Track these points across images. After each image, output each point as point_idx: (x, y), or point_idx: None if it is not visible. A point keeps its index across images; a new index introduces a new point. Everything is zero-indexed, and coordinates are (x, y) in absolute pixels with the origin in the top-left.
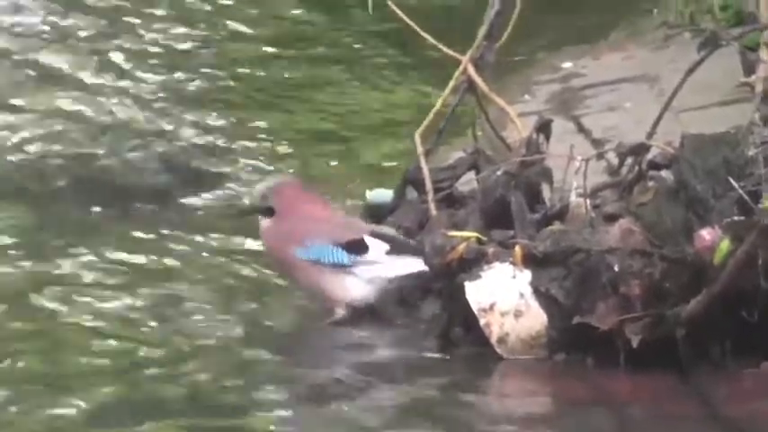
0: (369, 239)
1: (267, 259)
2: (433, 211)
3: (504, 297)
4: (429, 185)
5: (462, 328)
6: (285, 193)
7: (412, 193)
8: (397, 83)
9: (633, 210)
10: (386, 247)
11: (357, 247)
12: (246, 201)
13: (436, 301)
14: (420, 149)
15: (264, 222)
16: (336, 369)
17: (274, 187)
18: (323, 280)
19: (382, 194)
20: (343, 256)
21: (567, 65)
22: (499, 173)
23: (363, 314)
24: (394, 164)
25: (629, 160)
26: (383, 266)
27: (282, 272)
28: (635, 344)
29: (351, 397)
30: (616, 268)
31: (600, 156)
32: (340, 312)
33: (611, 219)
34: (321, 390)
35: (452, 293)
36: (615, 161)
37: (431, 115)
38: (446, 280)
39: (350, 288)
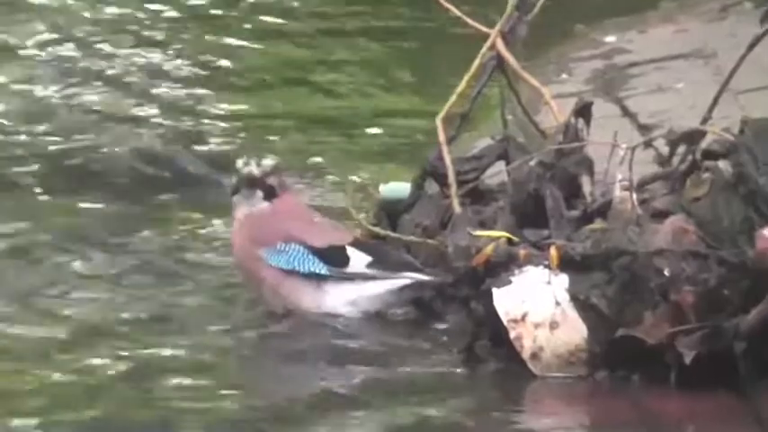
0: (350, 250)
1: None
2: (457, 208)
3: (538, 306)
4: (452, 178)
5: (490, 342)
6: (280, 176)
7: (432, 187)
8: (417, 59)
9: (686, 206)
10: (368, 258)
11: (337, 257)
12: (254, 170)
13: (460, 310)
14: (442, 136)
15: (260, 205)
16: (345, 386)
17: (276, 166)
18: (290, 291)
19: (398, 188)
20: (320, 266)
21: (610, 39)
22: (532, 163)
23: (371, 323)
24: (411, 152)
25: (682, 149)
26: (363, 281)
27: (245, 276)
28: (688, 360)
29: (362, 418)
30: (666, 273)
31: (647, 143)
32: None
33: (661, 216)
34: (329, 409)
35: (479, 302)
36: (665, 150)
37: (453, 97)
38: (472, 286)
39: (321, 304)
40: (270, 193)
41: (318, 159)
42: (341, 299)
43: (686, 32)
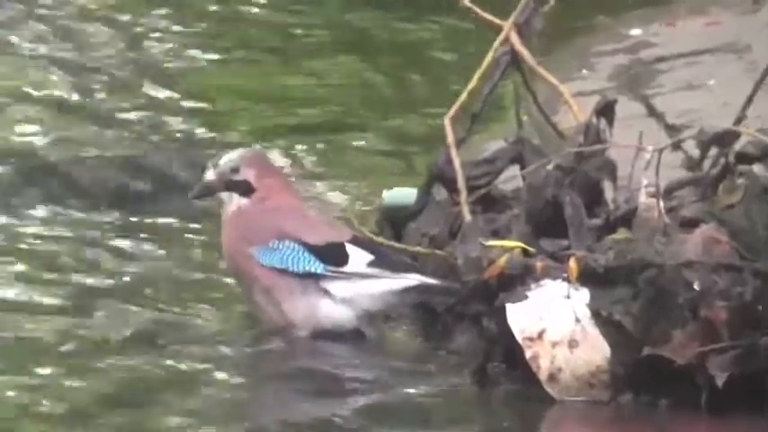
0: (350, 247)
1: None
2: (467, 216)
3: (556, 323)
4: (461, 183)
5: (503, 362)
6: (263, 167)
7: (440, 193)
8: (424, 55)
9: (718, 213)
10: (369, 257)
11: (335, 255)
12: (209, 175)
13: (471, 328)
14: (450, 138)
15: (240, 202)
16: (345, 412)
17: (248, 157)
18: (284, 293)
19: (403, 194)
20: (316, 264)
21: (636, 32)
22: (550, 167)
23: (373, 341)
24: (418, 155)
25: (713, 151)
26: (363, 282)
27: (237, 278)
28: (720, 382)
29: None
30: (697, 287)
31: (676, 145)
32: (302, 335)
33: (691, 225)
34: None
35: (491, 319)
36: (695, 152)
37: (464, 95)
38: (483, 302)
39: (318, 307)
40: (245, 189)
41: (315, 165)
42: (339, 299)
43: (718, 25)
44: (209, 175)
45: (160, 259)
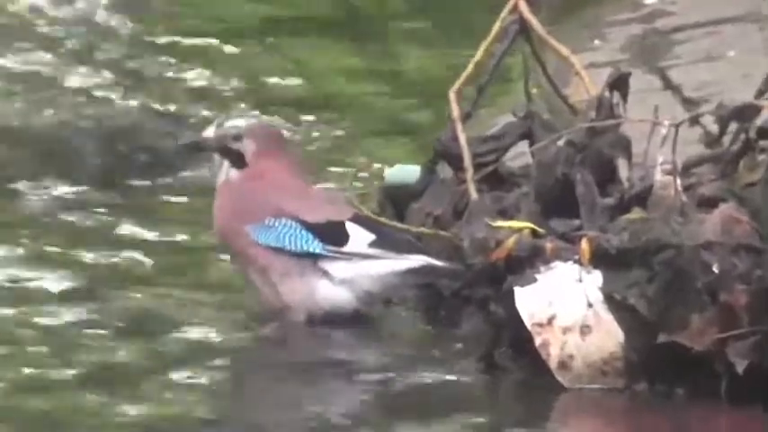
0: (350, 226)
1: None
2: (473, 195)
3: (567, 308)
4: (467, 160)
5: (511, 349)
6: (266, 142)
7: (445, 171)
8: (427, 28)
9: (738, 192)
10: (371, 236)
11: (334, 234)
12: (208, 132)
13: (477, 313)
14: (455, 112)
15: (230, 173)
16: (348, 403)
17: (254, 129)
18: (281, 273)
19: (406, 172)
20: (314, 244)
21: (651, 0)
22: (560, 143)
23: (375, 329)
24: (420, 130)
25: (733, 126)
26: (364, 262)
27: (230, 255)
28: (740, 369)
29: None
30: (715, 269)
31: (694, 120)
32: (298, 319)
33: (709, 204)
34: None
35: (498, 303)
36: (714, 128)
37: (470, 67)
38: (490, 285)
39: (316, 289)
40: (237, 161)
41: (312, 141)
42: (338, 280)
43: None
44: (208, 131)
45: (150, 240)
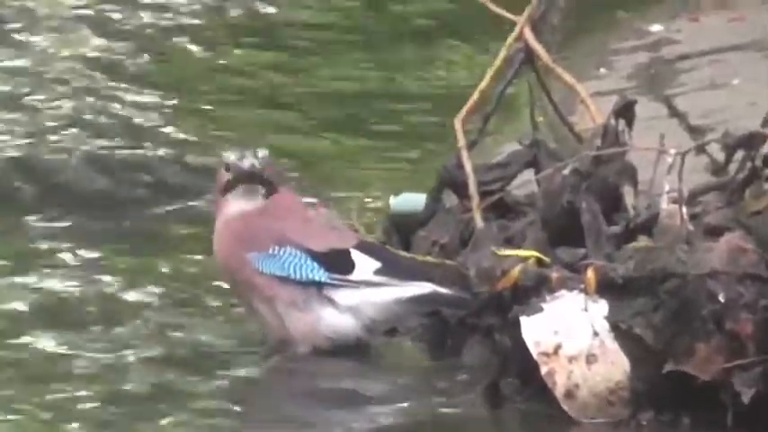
0: (356, 253)
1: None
2: (479, 223)
3: (573, 337)
4: (473, 189)
5: (517, 379)
6: (275, 171)
7: (451, 199)
8: (435, 50)
9: (744, 221)
10: (376, 264)
11: (339, 262)
12: (250, 160)
13: (483, 342)
14: (461, 141)
15: (251, 204)
16: (349, 431)
17: (267, 159)
18: (286, 302)
19: (411, 200)
20: (320, 272)
21: (657, 28)
22: (566, 172)
23: (379, 358)
24: (425, 159)
25: (739, 154)
26: (370, 290)
27: (233, 287)
28: (746, 399)
29: None
30: (722, 298)
31: (700, 148)
32: (303, 351)
33: (716, 233)
34: None
35: (504, 332)
36: (720, 156)
37: (476, 95)
38: (496, 314)
39: (321, 318)
40: (270, 189)
41: (314, 165)
42: (343, 308)
43: (743, 21)
44: (250, 160)
45: (153, 268)
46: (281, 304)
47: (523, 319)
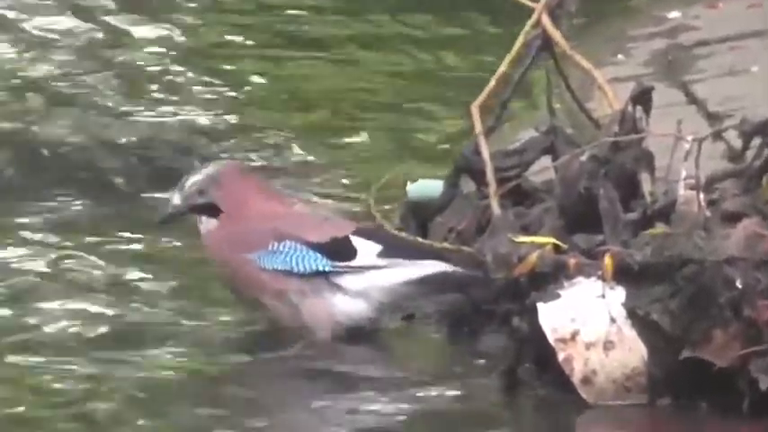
0: (355, 239)
1: (220, 273)
2: (496, 210)
3: (591, 323)
4: (490, 175)
5: (534, 365)
6: (231, 182)
7: (468, 186)
8: (449, 38)
9: (761, 207)
10: (377, 247)
11: (341, 250)
12: (175, 199)
13: (500, 328)
14: (478, 127)
15: (209, 225)
16: (366, 419)
17: (214, 176)
18: (296, 294)
19: (428, 187)
20: (323, 262)
21: (674, 14)
22: (583, 158)
23: (395, 343)
24: (444, 145)
25: (757, 141)
26: (376, 273)
27: (239, 289)
28: (763, 386)
29: None
30: (739, 285)
31: (717, 135)
32: (323, 336)
33: (733, 219)
34: None
35: (521, 318)
36: (738, 142)
37: (493, 81)
38: (513, 301)
39: (334, 304)
40: (211, 211)
41: (329, 156)
42: (353, 293)
43: (762, 7)
44: (176, 199)
45: (164, 260)
46: (294, 295)
47: (541, 306)
